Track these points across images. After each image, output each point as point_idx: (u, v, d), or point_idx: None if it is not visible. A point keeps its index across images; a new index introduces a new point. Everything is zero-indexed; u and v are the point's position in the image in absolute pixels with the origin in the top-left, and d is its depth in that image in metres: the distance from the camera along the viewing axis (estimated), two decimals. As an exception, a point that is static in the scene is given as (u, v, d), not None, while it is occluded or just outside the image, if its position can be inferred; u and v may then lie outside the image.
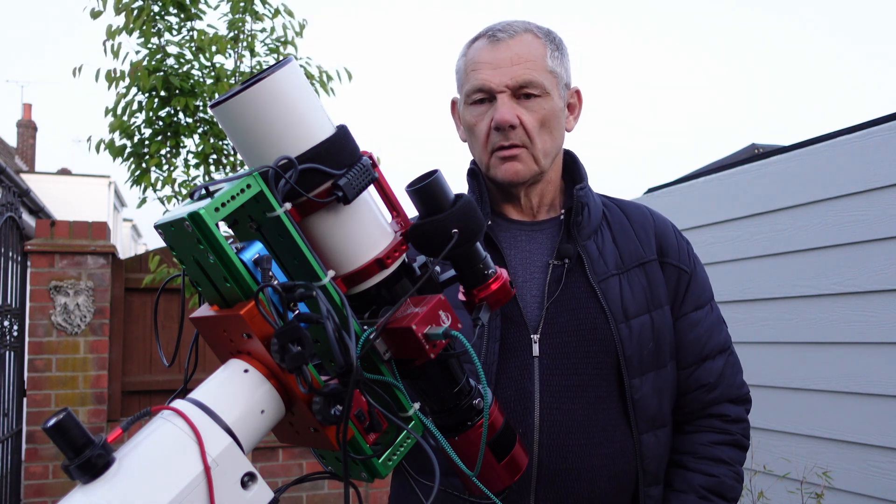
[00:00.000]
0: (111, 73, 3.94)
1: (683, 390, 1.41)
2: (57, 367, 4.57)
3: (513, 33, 1.35)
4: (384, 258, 0.83)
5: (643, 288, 1.38)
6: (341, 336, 0.74)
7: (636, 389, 1.33)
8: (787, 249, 3.49)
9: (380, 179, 0.87)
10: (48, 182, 18.95)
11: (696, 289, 1.45)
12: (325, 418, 0.74)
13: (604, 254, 1.38)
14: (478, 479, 0.91)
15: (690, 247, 1.50)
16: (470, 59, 1.38)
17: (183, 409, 0.69)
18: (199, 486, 0.66)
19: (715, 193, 4.00)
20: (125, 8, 3.86)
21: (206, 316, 0.78)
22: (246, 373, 0.74)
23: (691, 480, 1.35)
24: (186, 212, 0.71)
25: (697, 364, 1.41)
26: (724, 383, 1.42)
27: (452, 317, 0.82)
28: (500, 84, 1.32)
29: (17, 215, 4.40)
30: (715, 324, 1.45)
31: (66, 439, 0.62)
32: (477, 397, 0.92)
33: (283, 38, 4.23)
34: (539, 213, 1.44)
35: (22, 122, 21.75)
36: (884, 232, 3.00)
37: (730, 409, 1.42)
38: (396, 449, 0.83)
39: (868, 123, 3.20)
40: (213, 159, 4.10)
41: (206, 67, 4.05)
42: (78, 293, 4.62)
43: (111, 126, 3.94)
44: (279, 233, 0.76)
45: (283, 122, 0.77)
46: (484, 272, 0.90)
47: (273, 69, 0.77)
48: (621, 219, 1.45)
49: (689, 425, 1.42)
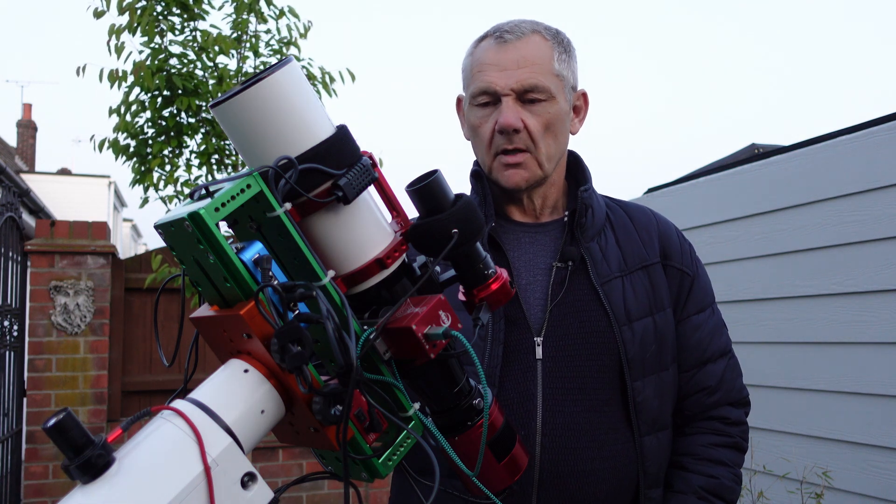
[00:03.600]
0: (114, 73, 3.94)
1: (684, 393, 1.41)
2: (57, 367, 4.57)
3: (520, 34, 1.33)
4: (384, 258, 0.83)
5: (646, 290, 1.38)
6: (341, 336, 0.74)
7: (638, 392, 1.32)
8: (787, 249, 3.49)
9: (380, 179, 0.87)
10: (48, 182, 18.96)
11: (698, 292, 1.45)
12: (325, 418, 0.74)
13: (607, 256, 1.37)
14: (478, 479, 0.91)
15: (693, 250, 1.50)
16: (476, 60, 1.36)
17: (183, 409, 0.69)
18: (199, 486, 0.66)
19: (715, 193, 4.00)
20: (129, 7, 3.86)
21: (206, 316, 0.78)
22: (246, 373, 0.74)
23: (691, 482, 1.35)
24: (186, 212, 0.71)
25: (699, 367, 1.41)
26: (724, 387, 1.42)
27: (452, 317, 0.82)
28: (505, 87, 1.31)
29: (17, 215, 4.40)
30: (716, 327, 1.45)
31: (66, 439, 0.62)
32: (477, 397, 0.91)
33: (287, 39, 4.23)
34: (542, 215, 1.43)
35: (22, 122, 21.75)
36: (884, 232, 3.00)
37: (730, 411, 1.42)
38: (396, 449, 0.83)
39: (868, 123, 3.20)
40: (216, 159, 4.10)
41: (209, 68, 4.06)
42: (78, 293, 4.61)
43: (116, 126, 3.94)
44: (279, 233, 0.76)
45: (282, 122, 0.77)
46: (484, 272, 0.90)
47: (273, 69, 0.77)
48: (625, 221, 1.45)
49: (689, 427, 1.42)
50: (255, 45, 4.16)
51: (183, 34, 4.08)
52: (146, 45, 3.98)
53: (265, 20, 4.17)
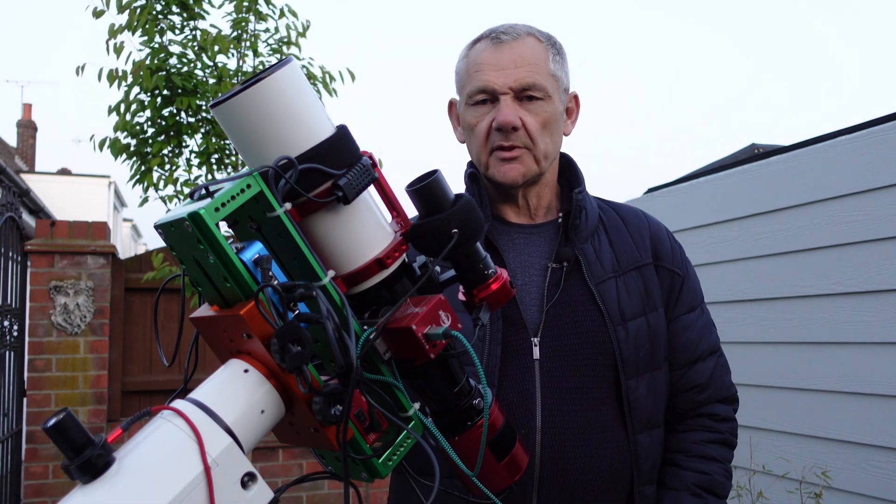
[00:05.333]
0: (113, 73, 3.94)
1: (675, 391, 1.44)
2: (57, 367, 4.57)
3: (516, 36, 1.36)
4: (384, 258, 0.83)
5: (639, 291, 1.40)
6: (341, 336, 0.73)
7: (632, 391, 1.35)
8: (787, 249, 3.49)
9: (380, 179, 0.87)
10: (48, 182, 18.95)
11: (688, 292, 1.47)
12: (325, 418, 0.74)
13: (601, 257, 1.39)
14: (478, 479, 0.91)
15: (683, 250, 1.53)
16: (472, 61, 1.38)
17: (183, 409, 0.69)
18: (199, 486, 0.66)
19: (715, 193, 4.00)
20: (128, 6, 3.86)
21: (206, 316, 0.78)
22: (246, 373, 0.74)
23: (684, 478, 1.38)
24: (186, 212, 0.71)
25: (689, 365, 1.44)
26: (714, 384, 1.45)
27: (452, 317, 0.82)
28: (503, 85, 1.33)
29: (17, 215, 4.40)
30: (706, 326, 1.48)
31: (66, 439, 0.62)
32: (477, 397, 0.92)
33: (287, 38, 4.23)
34: (537, 216, 1.44)
35: (22, 122, 21.74)
36: (884, 232, 3.00)
37: (719, 408, 1.45)
38: (396, 449, 0.83)
39: (868, 123, 3.20)
40: (216, 159, 4.10)
41: (209, 67, 4.05)
42: (78, 293, 4.62)
43: (116, 126, 3.93)
44: (279, 233, 0.76)
45: (282, 122, 0.77)
46: (484, 272, 0.90)
47: (273, 69, 0.77)
48: (617, 222, 1.47)
49: (681, 424, 1.45)
50: (254, 44, 4.16)
51: (183, 33, 4.09)
52: (145, 44, 3.97)
53: (265, 19, 4.17)
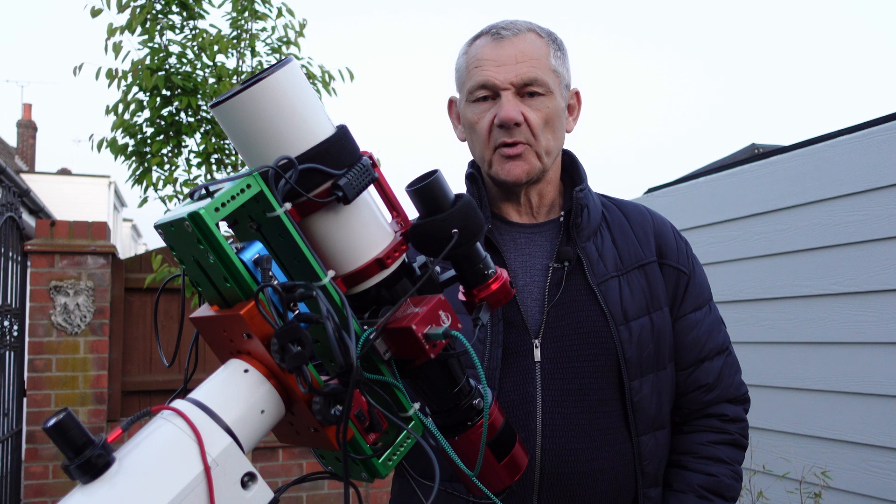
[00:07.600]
0: (112, 72, 3.94)
1: (682, 391, 1.41)
2: (57, 367, 4.57)
3: (516, 31, 1.34)
4: (384, 258, 0.83)
5: (643, 290, 1.37)
6: (341, 336, 0.73)
7: (636, 392, 1.32)
8: (787, 249, 3.49)
9: (380, 179, 0.87)
10: (48, 182, 18.95)
11: (694, 290, 1.44)
12: (325, 418, 0.73)
13: (603, 255, 1.37)
14: (478, 480, 0.91)
15: (689, 247, 1.50)
16: (473, 57, 1.36)
17: (183, 409, 0.69)
18: (199, 486, 0.66)
19: (715, 193, 4.00)
20: (127, 6, 3.86)
21: (206, 316, 0.78)
22: (246, 373, 0.74)
23: (690, 480, 1.35)
24: (186, 212, 0.71)
25: (696, 365, 1.41)
26: (722, 384, 1.42)
27: (452, 317, 0.82)
28: (504, 81, 1.31)
29: (17, 215, 4.40)
30: (713, 324, 1.45)
31: (66, 439, 0.62)
32: (477, 397, 0.91)
33: (285, 37, 4.23)
34: (539, 215, 1.43)
35: (22, 122, 21.74)
36: (884, 232, 3.00)
37: (728, 408, 1.42)
38: (396, 449, 0.83)
39: (868, 123, 3.20)
40: (216, 159, 4.10)
41: (208, 67, 4.05)
42: (78, 293, 4.61)
43: (114, 125, 3.93)
44: (279, 233, 0.76)
45: (282, 122, 0.77)
46: (484, 272, 0.90)
47: (273, 69, 0.77)
48: (620, 220, 1.44)
49: (688, 425, 1.42)
50: (252, 43, 4.16)
51: (182, 33, 4.08)
52: (145, 43, 3.97)
53: (262, 18, 4.17)
